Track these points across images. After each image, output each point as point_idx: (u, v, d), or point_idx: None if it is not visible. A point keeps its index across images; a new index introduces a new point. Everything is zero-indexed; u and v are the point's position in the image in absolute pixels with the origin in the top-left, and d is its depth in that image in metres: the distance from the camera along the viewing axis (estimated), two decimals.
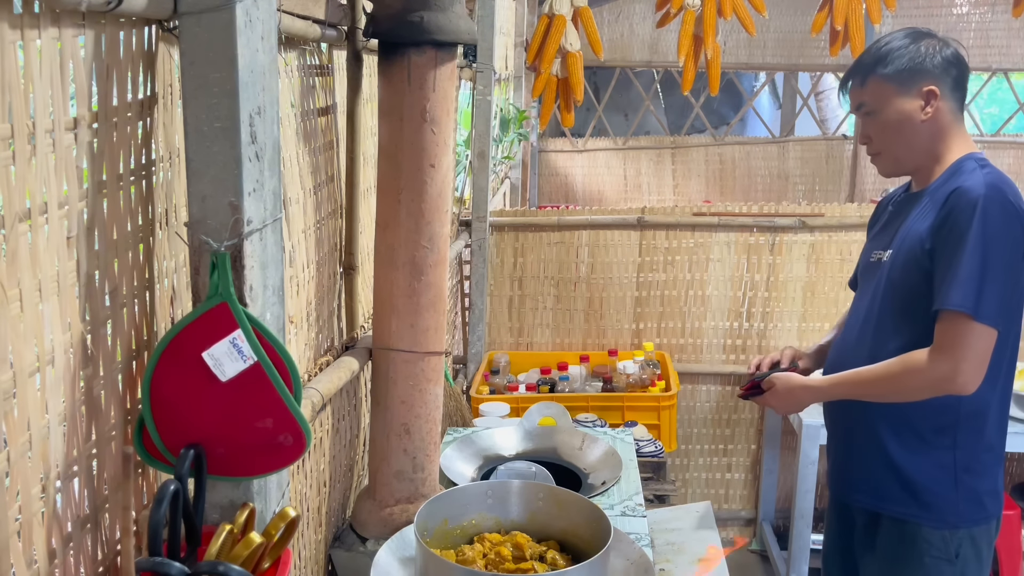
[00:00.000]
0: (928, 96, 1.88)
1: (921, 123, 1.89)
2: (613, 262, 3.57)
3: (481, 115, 3.13)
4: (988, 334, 1.73)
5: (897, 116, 1.90)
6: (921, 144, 1.91)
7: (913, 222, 1.89)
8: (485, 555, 1.61)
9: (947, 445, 1.87)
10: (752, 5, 3.65)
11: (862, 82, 1.93)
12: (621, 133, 6.07)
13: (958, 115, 1.92)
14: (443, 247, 1.72)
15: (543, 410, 2.60)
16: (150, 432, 1.08)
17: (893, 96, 1.89)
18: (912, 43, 1.90)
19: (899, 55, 1.89)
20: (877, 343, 1.91)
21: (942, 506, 1.87)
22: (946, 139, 1.91)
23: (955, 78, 1.90)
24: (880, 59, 1.91)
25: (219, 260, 1.07)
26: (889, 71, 1.89)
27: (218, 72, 1.04)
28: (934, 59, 1.88)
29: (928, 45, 1.90)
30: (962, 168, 1.88)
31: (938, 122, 1.89)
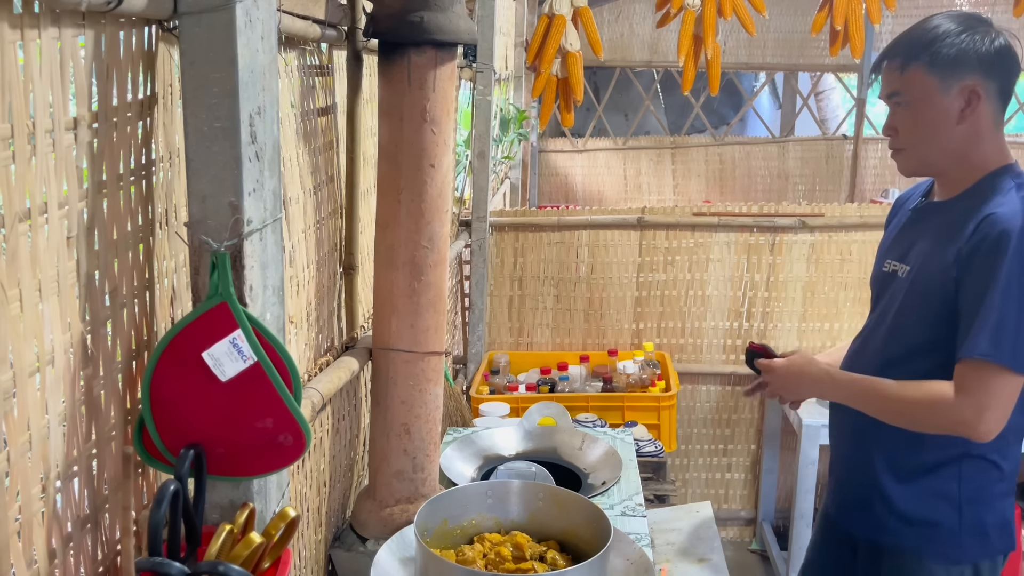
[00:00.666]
0: (971, 96, 1.68)
1: (958, 125, 1.70)
2: (613, 262, 3.57)
3: (481, 115, 3.13)
4: (1017, 383, 1.61)
5: (933, 113, 1.70)
6: (954, 147, 1.72)
7: (936, 241, 1.72)
8: (485, 555, 1.61)
9: (951, 476, 1.74)
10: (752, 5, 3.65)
11: (902, 67, 1.72)
12: (621, 133, 6.07)
13: (999, 120, 1.74)
14: (443, 247, 1.72)
15: (543, 410, 2.60)
16: (150, 432, 1.08)
17: (933, 90, 1.69)
18: (965, 31, 1.70)
19: (947, 43, 1.68)
20: (890, 362, 1.77)
21: (944, 539, 1.75)
22: (982, 145, 1.72)
23: (1003, 78, 1.71)
24: (927, 44, 1.70)
25: (219, 260, 1.07)
26: (934, 60, 1.68)
27: (218, 72, 1.04)
28: (985, 53, 1.69)
29: (982, 35, 1.70)
30: (998, 187, 1.68)
31: (977, 126, 1.70)
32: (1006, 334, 1.58)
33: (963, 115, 1.69)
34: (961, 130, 1.70)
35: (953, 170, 1.75)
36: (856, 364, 1.86)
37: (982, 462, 1.73)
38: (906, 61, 1.72)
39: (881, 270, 1.89)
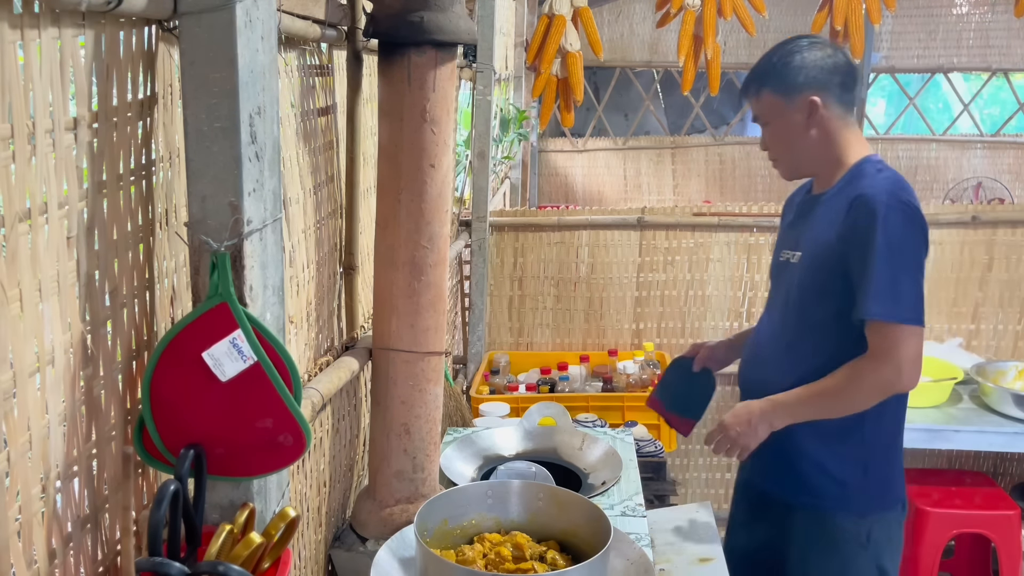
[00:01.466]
0: (811, 107, 1.96)
1: (808, 133, 1.98)
2: (613, 262, 3.57)
3: (481, 115, 3.12)
4: (917, 332, 1.84)
5: (786, 126, 2.00)
6: (813, 151, 2.00)
7: (819, 226, 1.98)
8: (485, 555, 1.61)
9: (857, 440, 1.98)
10: (752, 5, 3.65)
11: (757, 93, 2.03)
12: (621, 133, 6.07)
13: (848, 119, 2.00)
14: (443, 247, 1.72)
15: (543, 410, 2.60)
16: (150, 432, 1.08)
17: (781, 108, 1.99)
18: (797, 54, 1.98)
19: (783, 68, 1.98)
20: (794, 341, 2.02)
21: (853, 494, 2.00)
22: (838, 144, 1.99)
23: (840, 84, 1.98)
24: (770, 72, 2.00)
25: (219, 260, 1.07)
26: (775, 84, 1.99)
27: (218, 72, 1.04)
28: (818, 69, 1.96)
29: (813, 54, 1.97)
30: (862, 172, 1.96)
31: (826, 129, 1.98)
32: (893, 293, 1.82)
33: (809, 123, 1.98)
34: (813, 135, 1.99)
35: (822, 168, 2.03)
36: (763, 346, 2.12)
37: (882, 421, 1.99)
38: (758, 88, 2.03)
39: (778, 260, 2.13)
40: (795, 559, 2.06)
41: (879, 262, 1.82)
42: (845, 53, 2.02)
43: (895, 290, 1.82)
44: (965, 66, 5.88)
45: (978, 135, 6.13)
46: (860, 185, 1.92)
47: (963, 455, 3.56)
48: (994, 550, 3.05)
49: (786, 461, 2.04)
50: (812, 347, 1.98)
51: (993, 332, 3.52)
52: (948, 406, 3.07)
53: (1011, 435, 2.91)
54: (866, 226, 1.84)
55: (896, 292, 1.82)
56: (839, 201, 1.94)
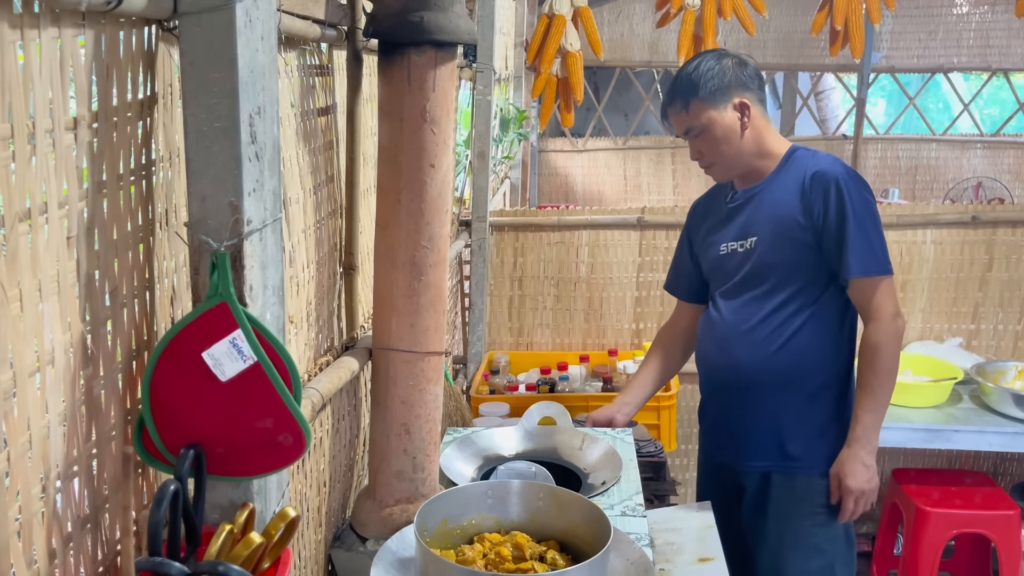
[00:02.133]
0: (742, 108, 2.14)
1: (742, 132, 2.15)
2: (613, 262, 3.57)
3: (481, 115, 3.12)
4: (892, 279, 2.11)
5: (722, 131, 2.14)
6: (748, 149, 2.17)
7: (772, 209, 2.15)
8: (485, 555, 1.61)
9: (827, 399, 2.18)
10: (752, 5, 3.65)
11: (685, 107, 2.15)
12: (621, 133, 6.08)
13: (766, 115, 2.21)
14: (443, 247, 1.72)
15: (543, 410, 2.60)
16: (150, 432, 1.08)
17: (713, 114, 2.13)
18: (716, 63, 2.14)
19: (709, 77, 2.12)
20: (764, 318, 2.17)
21: (825, 453, 2.16)
22: (766, 138, 2.18)
23: (758, 85, 2.18)
24: (695, 84, 2.13)
25: (219, 260, 1.07)
26: (705, 93, 2.13)
27: (218, 72, 1.04)
28: (738, 74, 2.14)
29: (729, 63, 2.14)
30: (798, 157, 2.17)
31: (756, 127, 2.16)
32: (871, 250, 2.06)
33: (743, 124, 2.15)
34: (748, 135, 2.16)
35: (756, 163, 2.20)
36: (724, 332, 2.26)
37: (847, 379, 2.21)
38: (686, 100, 2.15)
39: (719, 253, 2.26)
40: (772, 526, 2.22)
41: (853, 227, 2.04)
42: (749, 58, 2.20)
43: (871, 249, 2.06)
44: (965, 66, 5.88)
45: (978, 135, 6.13)
46: (807, 165, 2.12)
47: (963, 455, 3.56)
48: (994, 550, 3.05)
49: (763, 433, 2.21)
50: (784, 318, 2.16)
51: (993, 332, 3.52)
52: (948, 406, 3.07)
53: (1011, 435, 2.91)
54: (833, 198, 2.06)
55: (872, 250, 2.06)
56: (786, 184, 2.14)
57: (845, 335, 2.21)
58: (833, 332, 2.18)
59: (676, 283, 2.51)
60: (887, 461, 3.67)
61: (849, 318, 2.20)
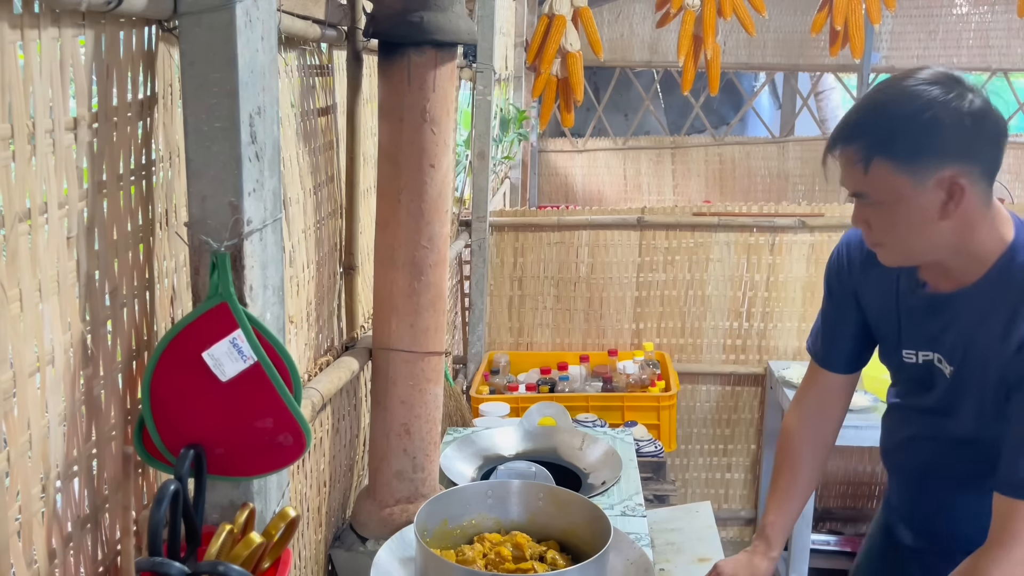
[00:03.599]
0: (952, 188, 1.35)
1: (942, 220, 1.38)
2: (613, 262, 3.57)
3: (481, 115, 3.12)
4: None
5: (910, 212, 1.39)
6: (944, 242, 1.42)
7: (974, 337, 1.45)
8: (485, 555, 1.61)
9: None
10: (752, 5, 3.65)
11: (864, 163, 1.38)
12: (621, 133, 6.07)
13: (989, 198, 1.41)
14: (443, 247, 1.72)
15: (543, 410, 2.60)
16: (150, 432, 1.08)
17: (905, 189, 1.37)
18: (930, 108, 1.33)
19: (913, 130, 1.35)
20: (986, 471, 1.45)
21: None
22: (977, 230, 1.41)
23: (986, 153, 1.38)
24: (888, 134, 1.36)
25: (219, 260, 1.07)
26: (899, 155, 1.35)
27: (218, 72, 1.04)
28: (959, 131, 1.34)
29: (955, 103, 1.33)
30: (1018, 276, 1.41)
31: (967, 215, 1.38)
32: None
33: (946, 210, 1.37)
34: (948, 224, 1.39)
35: (951, 260, 1.45)
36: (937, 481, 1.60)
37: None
38: (868, 156, 1.37)
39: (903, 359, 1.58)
40: None
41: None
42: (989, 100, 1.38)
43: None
44: (965, 66, 5.87)
45: None
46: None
47: None
48: None
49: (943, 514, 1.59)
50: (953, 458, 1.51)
51: None
52: None
53: None
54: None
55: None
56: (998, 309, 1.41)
57: None
58: None
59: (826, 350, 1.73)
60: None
61: None
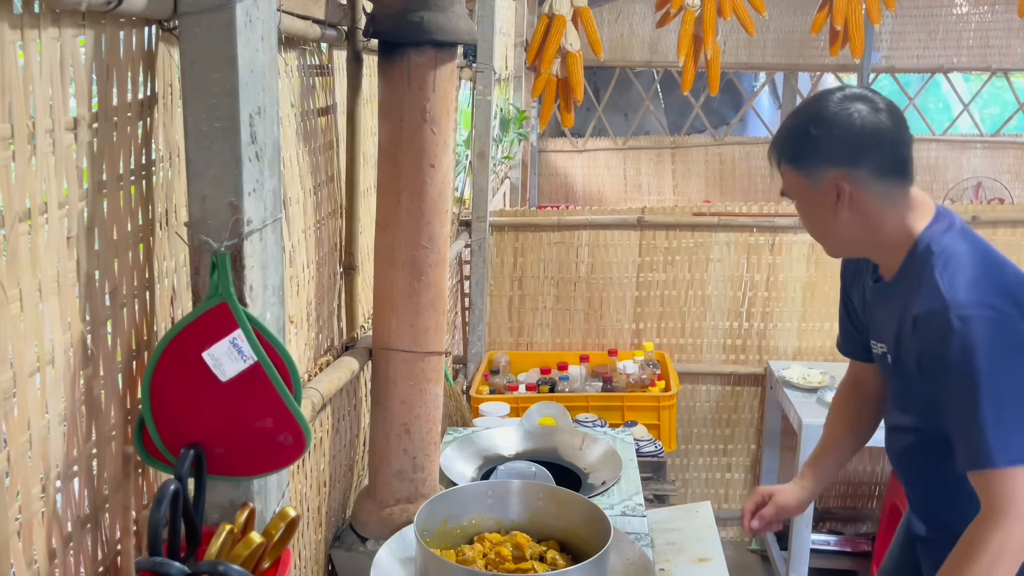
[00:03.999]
0: (838, 190, 1.53)
1: (836, 216, 1.55)
2: (613, 262, 3.57)
3: (481, 115, 3.13)
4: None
5: (812, 208, 1.59)
6: (851, 236, 1.59)
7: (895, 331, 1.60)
8: (485, 555, 1.61)
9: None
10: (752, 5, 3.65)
11: (778, 164, 1.61)
12: (621, 133, 6.07)
13: (892, 196, 1.54)
14: (443, 247, 1.72)
15: (543, 410, 2.60)
16: (150, 432, 1.08)
17: (804, 187, 1.57)
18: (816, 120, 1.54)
19: (802, 136, 1.55)
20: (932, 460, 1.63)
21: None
22: (884, 228, 1.56)
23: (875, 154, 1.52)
24: (784, 142, 1.59)
25: (219, 260, 1.07)
26: (792, 158, 1.57)
27: (218, 72, 1.04)
28: (844, 140, 1.51)
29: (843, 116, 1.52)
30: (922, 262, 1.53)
31: (864, 213, 1.54)
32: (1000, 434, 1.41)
33: (837, 208, 1.54)
34: (847, 220, 1.55)
35: (871, 253, 1.64)
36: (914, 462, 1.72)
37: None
38: (778, 159, 1.60)
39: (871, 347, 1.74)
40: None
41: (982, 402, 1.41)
42: (890, 109, 1.54)
43: (1001, 429, 1.41)
44: (965, 66, 5.88)
45: (978, 135, 6.13)
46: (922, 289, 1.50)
47: None
48: None
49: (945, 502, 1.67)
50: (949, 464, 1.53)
51: None
52: None
53: None
54: (945, 355, 1.44)
55: (1003, 431, 1.41)
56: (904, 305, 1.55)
57: None
58: None
59: (844, 343, 1.89)
60: (886, 460, 3.67)
61: None
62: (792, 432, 3.44)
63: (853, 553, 3.45)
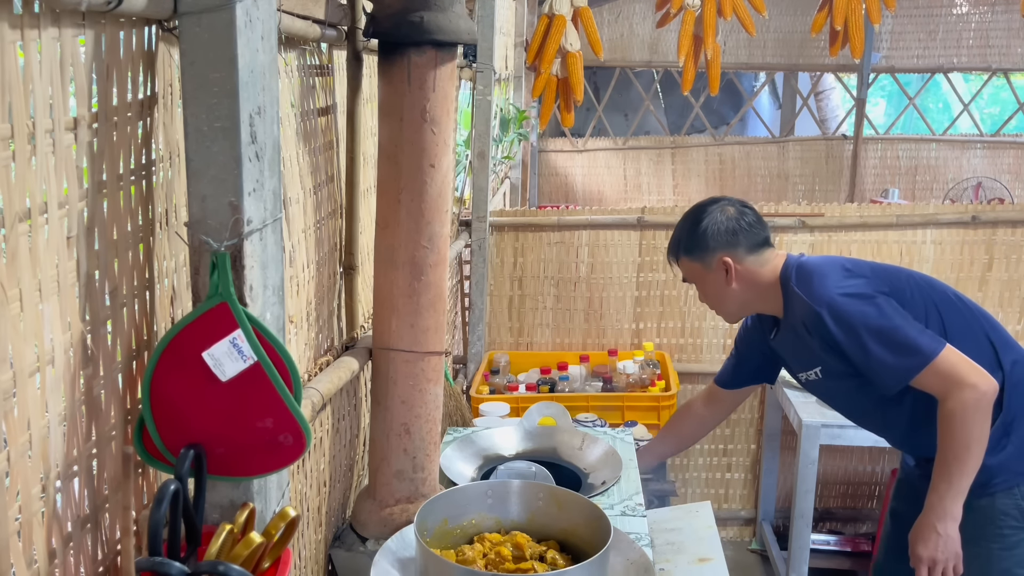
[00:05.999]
0: (726, 267, 2.09)
1: (730, 286, 2.11)
2: (613, 262, 3.57)
3: (481, 115, 3.12)
4: (948, 354, 1.91)
5: (711, 286, 2.14)
6: (743, 298, 2.14)
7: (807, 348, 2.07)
8: (485, 555, 1.61)
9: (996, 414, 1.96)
10: (752, 5, 3.65)
11: (677, 260, 2.18)
12: (621, 133, 6.08)
13: (760, 259, 2.11)
14: (443, 247, 1.72)
15: (543, 410, 2.60)
16: (150, 432, 1.08)
17: (700, 271, 2.13)
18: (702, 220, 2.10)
19: (690, 236, 2.11)
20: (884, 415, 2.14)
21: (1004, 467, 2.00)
22: (762, 283, 2.11)
23: (745, 236, 2.09)
24: (678, 242, 2.15)
25: (219, 260, 1.07)
26: (688, 252, 2.13)
27: (218, 72, 1.04)
28: (719, 231, 2.09)
29: (714, 217, 2.10)
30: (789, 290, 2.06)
31: (747, 278, 2.10)
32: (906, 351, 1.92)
33: (728, 280, 2.11)
34: (739, 288, 2.12)
35: (760, 306, 2.18)
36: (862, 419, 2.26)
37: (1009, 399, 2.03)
38: (675, 256, 2.19)
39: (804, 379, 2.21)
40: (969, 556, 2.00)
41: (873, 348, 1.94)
42: (744, 207, 2.14)
43: (904, 349, 1.92)
44: (965, 66, 5.88)
45: (978, 135, 6.13)
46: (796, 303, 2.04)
47: None
48: None
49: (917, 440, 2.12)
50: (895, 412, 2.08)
51: None
52: None
53: None
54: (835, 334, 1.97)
55: (906, 348, 1.92)
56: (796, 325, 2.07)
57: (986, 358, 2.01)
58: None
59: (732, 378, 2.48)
60: (887, 461, 3.67)
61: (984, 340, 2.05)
62: (792, 432, 3.44)
63: (853, 553, 3.45)
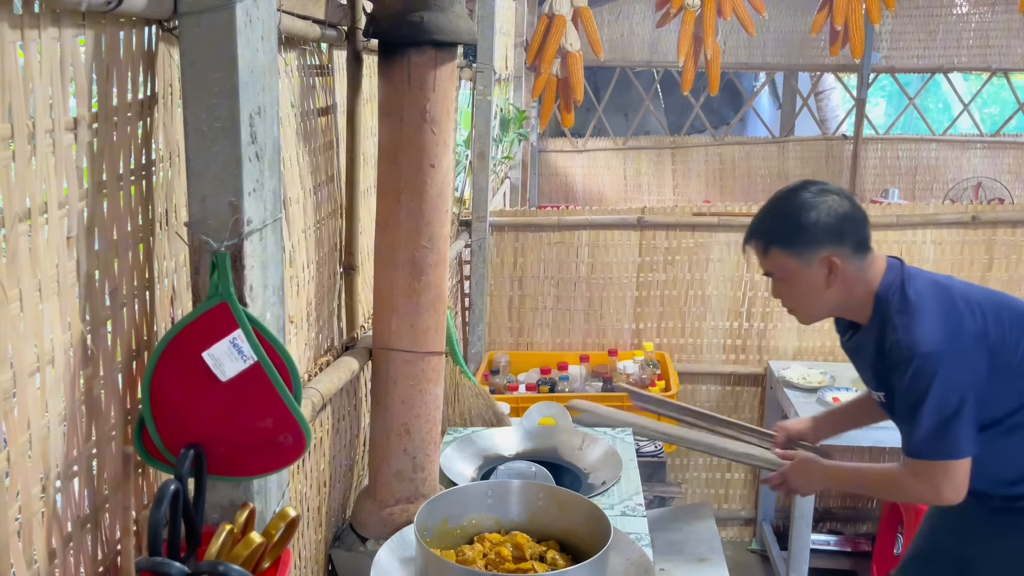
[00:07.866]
0: (830, 265, 1.85)
1: (828, 289, 1.87)
2: (613, 262, 3.57)
3: (481, 115, 3.12)
4: (962, 464, 1.80)
5: (803, 285, 1.89)
6: (834, 303, 1.91)
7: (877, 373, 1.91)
8: (485, 555, 1.61)
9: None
10: (752, 5, 3.65)
11: (764, 251, 1.92)
12: (621, 133, 6.07)
13: (862, 265, 1.87)
14: (443, 247, 1.72)
15: (543, 410, 2.59)
16: (150, 432, 1.08)
17: (795, 267, 1.87)
18: (803, 209, 1.85)
19: (792, 225, 1.86)
20: None
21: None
22: (860, 290, 1.88)
23: (853, 233, 1.86)
24: (775, 230, 1.89)
25: (219, 260, 1.07)
26: (785, 244, 1.87)
27: (218, 72, 1.04)
28: (828, 223, 1.84)
29: (822, 206, 1.85)
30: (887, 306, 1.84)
31: (846, 282, 1.86)
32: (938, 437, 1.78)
33: (829, 281, 1.86)
34: (833, 291, 1.88)
35: (847, 312, 1.95)
36: None
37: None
38: (766, 246, 1.90)
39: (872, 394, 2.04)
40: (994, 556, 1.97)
41: (928, 410, 1.77)
42: (850, 196, 1.91)
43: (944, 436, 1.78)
44: (965, 66, 5.88)
45: (978, 135, 6.13)
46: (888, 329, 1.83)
47: None
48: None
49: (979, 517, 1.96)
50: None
51: None
52: None
53: None
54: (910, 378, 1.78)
55: (946, 436, 1.78)
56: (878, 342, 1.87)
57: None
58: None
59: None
60: (887, 461, 3.67)
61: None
62: None
63: (853, 553, 3.45)
